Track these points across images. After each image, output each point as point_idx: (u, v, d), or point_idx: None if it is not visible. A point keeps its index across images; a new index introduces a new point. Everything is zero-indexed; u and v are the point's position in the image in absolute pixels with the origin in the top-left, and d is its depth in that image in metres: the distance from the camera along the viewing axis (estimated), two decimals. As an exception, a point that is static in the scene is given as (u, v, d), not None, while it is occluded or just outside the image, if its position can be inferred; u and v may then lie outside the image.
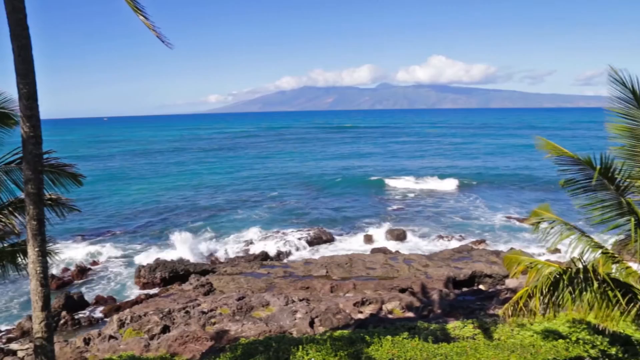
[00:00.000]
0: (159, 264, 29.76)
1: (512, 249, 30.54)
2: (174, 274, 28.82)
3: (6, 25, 7.20)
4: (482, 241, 33.58)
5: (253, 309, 19.95)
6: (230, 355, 11.94)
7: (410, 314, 19.98)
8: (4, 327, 22.86)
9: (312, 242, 35.24)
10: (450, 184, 57.69)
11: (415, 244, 35.40)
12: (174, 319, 19.03)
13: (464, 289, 24.64)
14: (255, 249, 33.37)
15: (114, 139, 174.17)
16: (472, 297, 22.54)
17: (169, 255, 33.05)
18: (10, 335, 21.69)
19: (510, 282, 23.91)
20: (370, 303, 20.85)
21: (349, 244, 35.53)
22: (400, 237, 35.93)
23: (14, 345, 19.41)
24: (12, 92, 8.12)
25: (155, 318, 18.97)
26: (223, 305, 20.15)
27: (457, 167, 74.08)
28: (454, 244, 33.87)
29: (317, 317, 18.57)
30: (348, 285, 24.04)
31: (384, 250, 31.20)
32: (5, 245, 9.17)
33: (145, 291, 27.19)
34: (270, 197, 54.21)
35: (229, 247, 34.73)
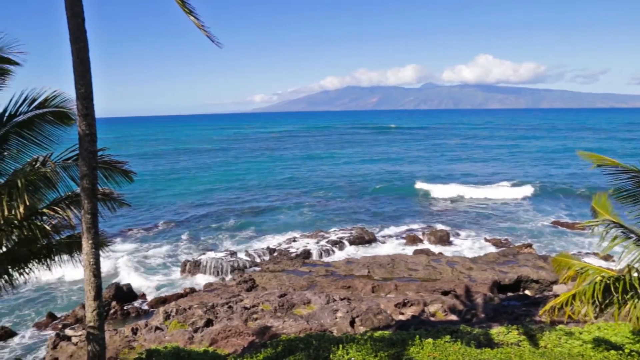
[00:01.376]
0: (203, 258, 30.55)
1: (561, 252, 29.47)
2: (218, 269, 29.51)
3: (66, 29, 7.57)
4: (529, 245, 32.57)
5: (294, 306, 20.14)
6: (271, 351, 12.10)
7: (453, 317, 19.66)
8: (60, 314, 24.04)
9: (354, 242, 35.19)
10: (496, 188, 56.24)
11: (459, 246, 34.77)
12: (217, 313, 19.46)
13: (509, 294, 24.00)
14: (298, 247, 33.63)
15: (162, 137, 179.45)
16: (517, 302, 21.93)
17: (213, 250, 33.90)
18: (66, 322, 22.83)
19: (558, 289, 23.12)
20: (411, 304, 20.65)
21: (391, 245, 35.29)
22: (444, 239, 35.36)
23: (68, 331, 20.38)
24: (70, 92, 8.54)
25: (199, 312, 19.46)
26: (265, 301, 20.44)
27: (505, 171, 72.22)
28: (499, 247, 33.06)
29: (357, 316, 18.56)
30: (390, 285, 23.89)
31: (426, 252, 30.80)
32: (62, 237, 9.65)
33: (190, 285, 27.92)
34: (313, 196, 54.50)
35: (272, 245, 35.14)
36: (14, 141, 8.97)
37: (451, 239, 35.99)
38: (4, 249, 8.92)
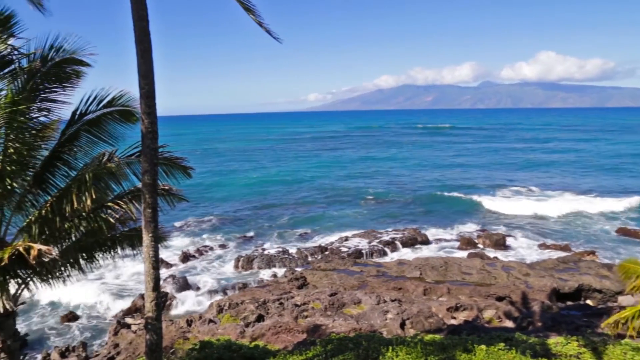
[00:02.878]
0: (256, 255, 31.15)
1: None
2: (270, 266, 30.02)
3: (130, 31, 7.93)
4: (592, 252, 31.03)
5: (344, 305, 20.16)
6: (321, 349, 12.17)
7: (508, 324, 19.06)
8: (121, 303, 25.27)
9: (406, 243, 34.79)
10: (558, 193, 53.90)
11: (515, 250, 33.63)
12: (268, 309, 19.79)
13: (569, 303, 22.98)
14: (349, 247, 33.63)
15: (218, 135, 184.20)
16: (577, 312, 20.98)
17: (266, 247, 34.52)
18: (126, 310, 23.99)
19: (624, 300, 21.92)
20: (464, 309, 20.19)
21: (444, 247, 34.62)
22: (499, 242, 34.30)
23: (128, 320, 21.39)
24: (134, 92, 8.94)
25: (251, 307, 19.85)
26: (315, 299, 20.58)
27: (568, 175, 69.09)
28: (559, 253, 31.66)
29: (408, 319, 18.35)
30: (442, 289, 23.45)
31: (481, 255, 30.00)
32: (124, 230, 10.13)
33: (242, 280, 28.52)
34: (366, 197, 54.28)
35: (324, 243, 35.32)
36: (84, 138, 9.50)
37: (507, 243, 34.87)
38: (74, 238, 9.46)
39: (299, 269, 28.61)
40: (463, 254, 31.84)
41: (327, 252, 33.02)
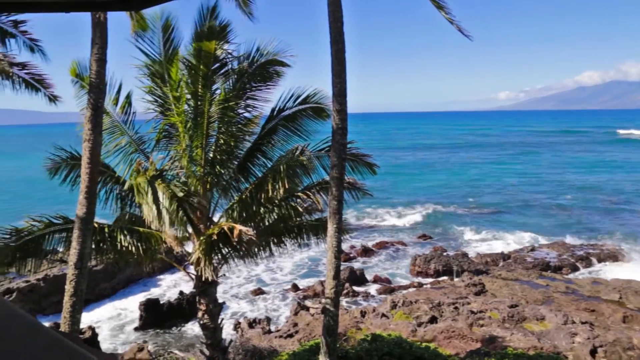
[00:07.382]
0: (434, 255, 30.70)
1: None
2: (447, 268, 29.30)
3: (325, 31, 8.44)
4: None
5: (525, 320, 18.71)
6: (496, 362, 11.51)
7: None
8: (302, 286, 27.25)
9: (603, 260, 30.75)
10: None
11: None
12: (442, 312, 19.36)
13: None
14: (536, 257, 30.99)
15: (403, 133, 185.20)
16: None
17: (444, 249, 33.83)
18: (306, 294, 25.82)
19: None
20: (677, 346, 17.10)
21: (654, 271, 29.68)
22: None
23: (307, 303, 22.98)
24: (326, 89, 9.52)
25: (424, 307, 19.66)
26: (493, 309, 19.49)
27: None
28: None
29: (601, 346, 16.24)
30: (648, 318, 20.20)
31: None
32: (310, 219, 10.91)
33: (418, 279, 28.40)
34: (557, 204, 49.37)
35: (507, 250, 33.16)
36: (280, 132, 10.50)
37: None
38: (267, 223, 10.52)
39: (477, 275, 27.38)
40: (679, 281, 26.91)
41: (509, 260, 30.92)
